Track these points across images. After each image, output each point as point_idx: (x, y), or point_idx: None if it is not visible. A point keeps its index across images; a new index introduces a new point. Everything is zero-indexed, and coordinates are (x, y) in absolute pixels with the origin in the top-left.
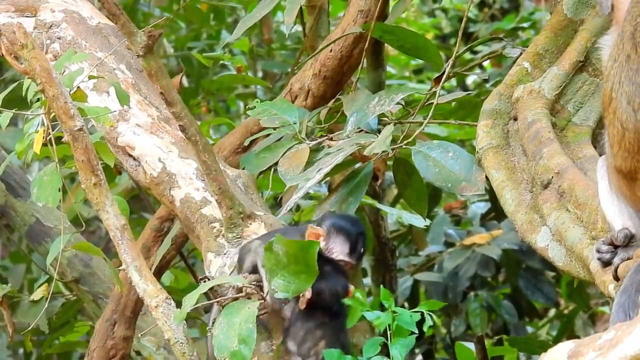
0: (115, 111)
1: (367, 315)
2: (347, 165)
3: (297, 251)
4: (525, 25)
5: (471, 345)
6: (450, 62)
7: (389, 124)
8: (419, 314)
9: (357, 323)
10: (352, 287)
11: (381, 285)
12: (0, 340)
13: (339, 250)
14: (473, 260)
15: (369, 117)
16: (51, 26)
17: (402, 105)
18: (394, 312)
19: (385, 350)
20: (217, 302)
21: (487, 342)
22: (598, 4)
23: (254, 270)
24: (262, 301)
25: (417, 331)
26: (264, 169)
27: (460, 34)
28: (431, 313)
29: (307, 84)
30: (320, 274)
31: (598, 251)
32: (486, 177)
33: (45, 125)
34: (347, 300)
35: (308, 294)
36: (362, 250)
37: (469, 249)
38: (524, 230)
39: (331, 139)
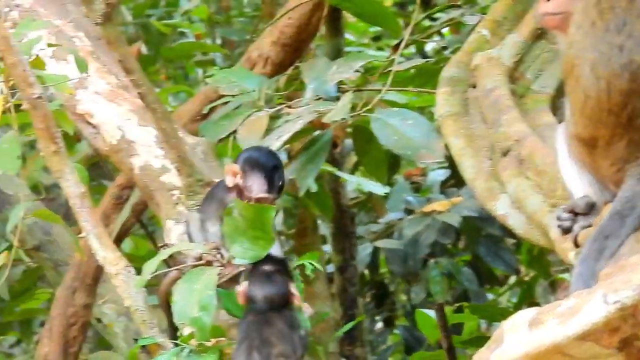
0: (74, 79)
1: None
2: (306, 133)
3: (253, 215)
4: None
5: (431, 313)
6: (409, 29)
7: (348, 91)
8: None
9: (317, 290)
10: (294, 291)
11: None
12: None
13: (256, 188)
14: (433, 228)
15: (327, 85)
16: None
17: (360, 72)
18: None
19: None
20: (177, 269)
21: (448, 309)
22: None
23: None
24: (222, 268)
25: None
26: (223, 136)
27: (418, 1)
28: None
29: (265, 52)
30: (257, 276)
31: (558, 219)
32: (445, 144)
33: (5, 92)
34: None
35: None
36: (280, 183)
37: (429, 216)
38: (483, 198)
39: (290, 107)
